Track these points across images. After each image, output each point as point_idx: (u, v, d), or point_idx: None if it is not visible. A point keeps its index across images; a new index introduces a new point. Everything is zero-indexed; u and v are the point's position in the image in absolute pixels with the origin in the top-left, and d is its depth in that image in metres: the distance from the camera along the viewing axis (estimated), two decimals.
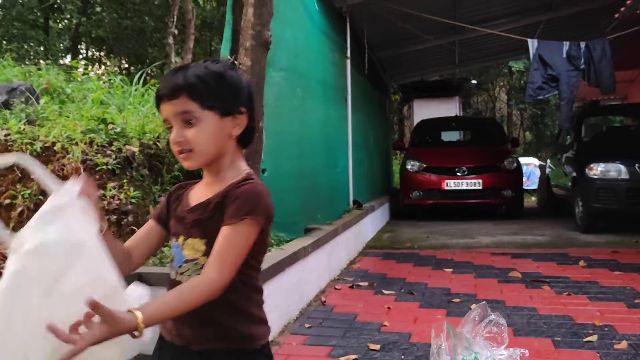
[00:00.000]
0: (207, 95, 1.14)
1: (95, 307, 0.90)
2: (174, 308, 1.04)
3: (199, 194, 1.22)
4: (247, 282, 1.17)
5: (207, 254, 1.12)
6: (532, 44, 6.85)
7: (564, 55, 6.71)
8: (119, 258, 1.10)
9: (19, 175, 3.58)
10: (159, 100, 1.17)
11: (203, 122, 1.13)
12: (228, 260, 1.08)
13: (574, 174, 6.80)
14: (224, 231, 1.10)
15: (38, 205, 3.47)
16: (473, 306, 3.43)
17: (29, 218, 3.73)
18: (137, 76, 5.59)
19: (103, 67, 18.69)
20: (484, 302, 0.83)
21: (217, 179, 1.19)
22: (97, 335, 0.91)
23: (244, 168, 1.21)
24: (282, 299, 3.14)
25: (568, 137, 7.94)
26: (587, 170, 6.33)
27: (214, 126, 1.15)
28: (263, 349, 1.20)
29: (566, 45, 6.77)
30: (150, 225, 1.27)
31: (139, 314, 0.95)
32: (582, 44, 6.75)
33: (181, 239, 1.19)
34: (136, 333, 0.96)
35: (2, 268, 1.02)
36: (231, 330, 1.16)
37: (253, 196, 1.12)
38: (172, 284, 1.17)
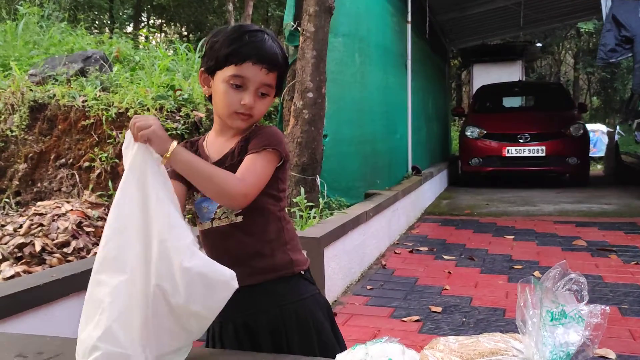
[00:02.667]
0: (284, 75, 1.26)
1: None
2: (199, 169, 1.09)
3: (217, 147, 1.26)
4: (277, 213, 1.25)
5: None
6: (605, 3, 6.46)
7: None
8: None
9: (96, 139, 3.81)
10: (250, 60, 1.17)
11: (270, 96, 1.24)
12: (251, 175, 1.14)
13: None
14: (248, 158, 1.16)
15: (114, 167, 3.69)
16: (536, 273, 3.43)
17: (106, 180, 3.92)
18: (200, 43, 5.71)
19: (163, 34, 19.10)
20: (565, 260, 0.86)
21: (234, 135, 1.25)
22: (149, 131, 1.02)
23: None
24: (345, 261, 3.23)
25: None
26: None
27: (271, 101, 1.26)
28: (305, 273, 1.28)
29: None
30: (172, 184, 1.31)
31: (174, 143, 1.05)
32: None
33: None
34: (161, 159, 1.04)
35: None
36: (275, 258, 1.23)
37: (273, 133, 1.21)
38: (208, 233, 1.23)
